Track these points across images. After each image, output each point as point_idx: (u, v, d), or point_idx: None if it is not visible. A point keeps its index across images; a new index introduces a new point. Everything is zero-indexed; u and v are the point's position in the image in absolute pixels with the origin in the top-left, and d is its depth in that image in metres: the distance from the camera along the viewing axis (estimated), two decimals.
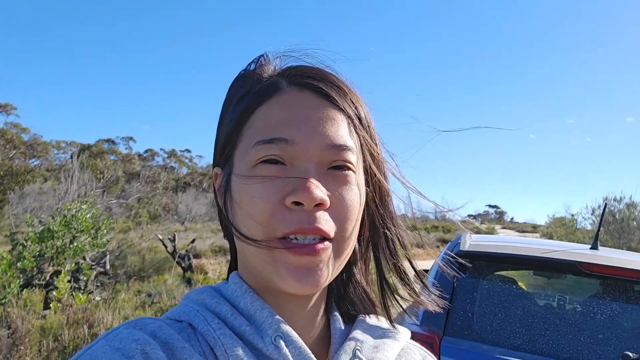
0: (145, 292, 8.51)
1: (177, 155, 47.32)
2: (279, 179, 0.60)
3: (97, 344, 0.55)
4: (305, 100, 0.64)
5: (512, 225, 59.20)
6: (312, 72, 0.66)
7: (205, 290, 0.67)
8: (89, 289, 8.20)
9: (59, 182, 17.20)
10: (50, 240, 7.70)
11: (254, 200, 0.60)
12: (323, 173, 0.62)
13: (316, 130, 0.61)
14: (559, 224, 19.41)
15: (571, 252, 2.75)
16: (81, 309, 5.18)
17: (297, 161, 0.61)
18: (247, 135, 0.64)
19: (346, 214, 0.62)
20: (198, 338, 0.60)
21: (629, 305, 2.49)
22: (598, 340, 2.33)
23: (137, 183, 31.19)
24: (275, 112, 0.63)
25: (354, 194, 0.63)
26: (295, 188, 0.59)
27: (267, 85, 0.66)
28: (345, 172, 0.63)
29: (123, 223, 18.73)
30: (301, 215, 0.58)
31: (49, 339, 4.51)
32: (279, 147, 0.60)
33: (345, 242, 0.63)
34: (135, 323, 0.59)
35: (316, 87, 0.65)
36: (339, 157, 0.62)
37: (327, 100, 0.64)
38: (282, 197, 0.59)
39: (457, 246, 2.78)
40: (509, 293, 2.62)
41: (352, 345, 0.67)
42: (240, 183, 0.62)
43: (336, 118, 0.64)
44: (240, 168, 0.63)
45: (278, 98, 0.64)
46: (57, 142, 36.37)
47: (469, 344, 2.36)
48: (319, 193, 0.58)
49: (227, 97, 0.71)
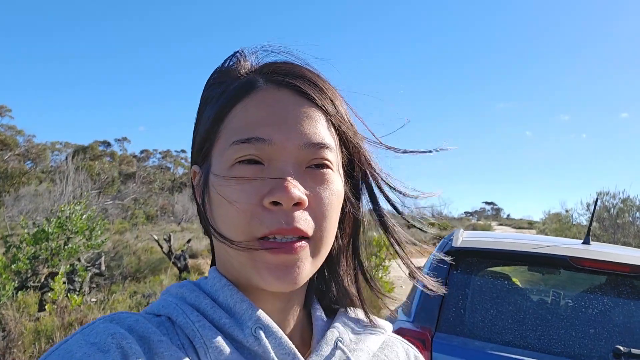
0: (141, 293, 8.49)
1: (172, 156, 47.25)
2: (257, 180, 0.60)
3: (73, 338, 0.55)
4: (282, 98, 0.63)
5: (508, 221, 59.32)
6: (289, 69, 0.66)
7: (185, 285, 0.67)
8: (84, 290, 8.18)
9: (54, 183, 17.16)
10: (45, 242, 7.68)
11: (233, 202, 0.60)
12: (301, 172, 0.61)
13: (294, 129, 0.61)
14: (555, 220, 19.46)
15: (563, 247, 2.76)
16: (75, 311, 5.16)
17: (274, 161, 0.60)
18: (224, 134, 0.63)
19: (324, 213, 0.62)
20: (177, 331, 0.60)
21: (620, 299, 2.49)
22: (589, 334, 2.33)
23: (132, 184, 31.14)
24: (252, 110, 0.62)
25: (332, 192, 0.63)
26: (273, 188, 0.58)
27: (244, 83, 0.65)
28: (324, 170, 0.63)
29: (119, 224, 18.69)
30: (280, 215, 0.58)
31: (42, 342, 4.49)
32: (256, 146, 0.60)
33: (323, 240, 0.63)
34: (112, 317, 0.58)
35: (293, 85, 0.64)
36: (317, 155, 0.62)
37: (305, 97, 0.64)
38: (260, 198, 0.59)
39: (449, 243, 2.78)
40: (501, 289, 2.63)
41: (334, 336, 0.67)
42: (218, 184, 0.62)
43: (314, 116, 0.63)
44: (218, 168, 0.63)
45: (255, 96, 0.63)
46: (52, 144, 36.26)
47: (461, 340, 2.36)
48: (297, 192, 0.58)
49: (204, 94, 0.70)
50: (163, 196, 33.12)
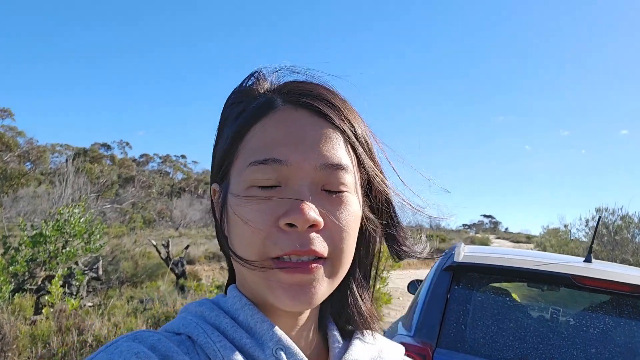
0: (138, 298, 8.46)
1: (172, 161, 47.23)
2: (273, 200, 0.60)
3: (97, 357, 0.55)
4: (300, 118, 0.63)
5: (506, 235, 59.26)
6: (307, 90, 0.66)
7: (204, 303, 0.67)
8: (81, 294, 8.14)
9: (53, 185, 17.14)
10: (43, 245, 7.65)
11: (248, 222, 0.60)
12: (318, 193, 0.61)
13: (310, 150, 0.61)
14: (553, 234, 19.44)
15: (565, 264, 2.75)
16: (72, 315, 5.14)
17: (291, 182, 0.61)
18: (242, 154, 0.63)
19: (341, 234, 0.62)
20: (197, 351, 0.60)
21: (622, 319, 2.48)
22: (590, 354, 2.32)
23: (131, 188, 31.10)
24: (270, 131, 0.63)
25: (349, 213, 0.63)
26: (289, 210, 0.59)
27: (262, 103, 0.65)
28: (341, 193, 0.63)
29: (117, 228, 18.65)
30: (295, 236, 0.59)
31: (38, 346, 4.47)
32: (273, 167, 0.60)
33: (339, 261, 0.63)
34: (135, 336, 0.59)
35: (311, 105, 0.64)
36: (333, 177, 0.62)
37: (322, 118, 0.64)
38: (275, 219, 0.59)
39: (451, 257, 2.77)
40: (502, 305, 2.62)
41: (351, 359, 0.67)
42: (235, 203, 0.62)
43: (331, 136, 0.63)
44: (236, 188, 0.63)
45: (273, 116, 0.64)
46: (52, 146, 36.23)
47: (461, 356, 2.35)
48: (312, 214, 0.58)
49: (223, 113, 0.70)
50: (161, 201, 33.07)
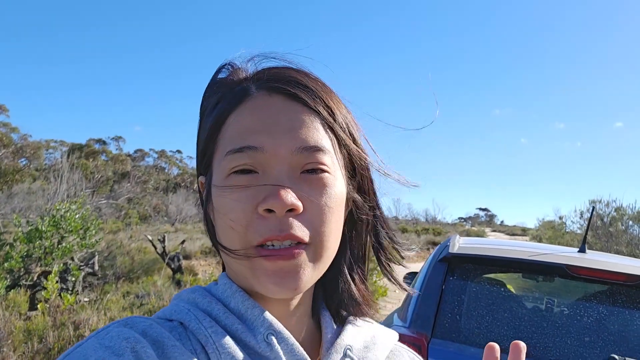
0: (134, 294, 8.45)
1: (167, 156, 47.12)
2: (251, 188, 0.60)
3: (87, 342, 0.55)
4: (274, 104, 0.63)
5: (502, 228, 59.54)
6: (279, 74, 0.66)
7: (197, 290, 0.67)
8: (76, 289, 8.14)
9: (48, 182, 17.08)
10: (39, 241, 7.64)
11: (229, 210, 0.60)
12: (296, 177, 0.61)
13: (285, 135, 0.61)
14: (548, 227, 19.54)
15: (559, 255, 2.77)
16: (68, 310, 5.14)
17: (268, 168, 0.61)
18: (220, 144, 0.64)
19: (321, 218, 0.61)
20: (189, 336, 0.61)
21: (616, 308, 2.50)
22: (585, 343, 2.34)
23: (127, 183, 31.03)
24: (244, 119, 0.63)
25: (330, 196, 0.62)
26: (267, 195, 0.59)
27: (237, 92, 0.65)
28: (320, 174, 0.62)
29: (112, 224, 18.61)
30: (273, 222, 0.59)
31: (34, 341, 4.47)
32: (249, 155, 0.60)
33: (322, 245, 0.62)
34: (126, 322, 0.59)
35: (284, 90, 0.64)
36: (312, 159, 0.61)
37: (297, 101, 0.63)
38: (254, 206, 0.59)
39: (446, 249, 2.78)
40: (497, 295, 2.63)
41: (343, 344, 0.67)
42: (217, 194, 0.63)
43: (306, 119, 0.63)
44: (216, 178, 0.63)
45: (247, 104, 0.64)
46: (46, 142, 36.05)
47: (456, 346, 2.36)
48: (290, 198, 0.58)
49: (202, 104, 0.70)
50: (157, 196, 33.02)
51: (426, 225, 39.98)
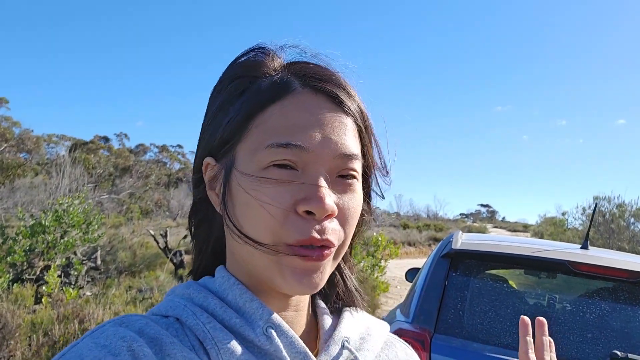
0: (137, 288, 8.47)
1: (169, 151, 47.09)
2: (292, 184, 0.60)
3: (83, 342, 0.55)
4: (320, 104, 0.63)
5: (503, 224, 59.49)
6: (325, 75, 0.65)
7: (191, 285, 0.67)
8: (79, 284, 8.17)
9: (50, 176, 17.09)
10: (42, 235, 7.66)
11: (265, 203, 0.60)
12: (332, 180, 0.62)
13: (330, 138, 0.61)
14: (550, 223, 19.54)
15: (561, 251, 2.78)
16: (71, 304, 5.16)
17: (308, 168, 0.61)
18: (255, 133, 0.62)
19: (350, 222, 0.64)
20: (186, 333, 0.60)
21: (618, 304, 2.51)
22: (587, 339, 2.35)
23: (129, 178, 31.05)
24: (291, 114, 0.62)
25: (357, 201, 0.64)
26: (308, 197, 0.59)
27: (279, 83, 0.64)
28: (351, 180, 0.64)
29: (114, 218, 18.63)
30: (313, 225, 0.59)
31: (39, 334, 4.49)
32: (293, 152, 0.60)
33: (344, 248, 0.65)
34: (122, 320, 0.58)
35: (330, 92, 0.64)
36: (348, 165, 0.63)
37: (339, 105, 0.64)
38: (293, 203, 0.59)
39: (449, 244, 2.80)
40: (499, 292, 2.64)
41: (341, 336, 0.68)
42: (249, 182, 0.61)
43: (347, 125, 0.64)
44: (248, 167, 0.62)
45: (292, 99, 0.63)
46: (48, 136, 36.05)
47: (459, 341, 2.38)
48: (331, 204, 0.59)
49: (224, 86, 0.68)
50: (159, 191, 33.03)
51: (428, 221, 39.94)
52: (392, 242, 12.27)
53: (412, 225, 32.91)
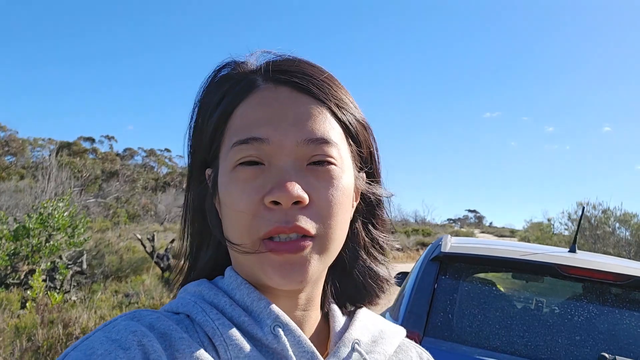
0: (123, 292, 8.39)
1: (156, 155, 46.80)
2: (258, 180, 0.60)
3: (94, 335, 0.55)
4: (281, 96, 0.63)
5: (490, 229, 59.86)
6: (287, 66, 0.65)
7: (203, 283, 0.67)
8: (65, 288, 8.06)
9: (35, 180, 16.90)
10: (26, 239, 7.55)
11: (236, 202, 0.60)
12: (302, 169, 0.61)
13: (292, 126, 0.61)
14: (536, 228, 19.70)
15: (550, 254, 2.79)
16: (56, 309, 5.08)
17: (274, 159, 0.61)
18: (227, 136, 0.64)
19: (328, 210, 0.61)
20: (196, 329, 0.60)
21: (606, 307, 2.53)
22: (575, 341, 2.36)
23: (115, 182, 30.80)
24: (251, 110, 0.63)
25: (337, 188, 0.62)
26: (273, 187, 0.59)
27: (244, 84, 0.65)
28: (327, 166, 0.62)
29: (101, 222, 18.46)
30: (280, 214, 0.59)
31: (23, 339, 4.42)
32: (255, 146, 0.60)
33: (329, 238, 0.62)
34: (133, 315, 0.59)
35: (291, 82, 0.64)
36: (318, 151, 0.61)
37: (304, 93, 0.64)
38: (261, 198, 0.59)
39: (438, 248, 2.80)
40: (488, 295, 2.65)
41: (351, 338, 0.67)
42: (223, 186, 0.63)
43: (313, 111, 0.63)
44: (222, 170, 0.63)
45: (253, 96, 0.64)
46: (34, 139, 35.66)
47: (448, 344, 2.37)
48: (296, 190, 0.58)
49: (203, 98, 0.69)
50: (146, 195, 32.80)
51: (416, 226, 40.07)
52: None
53: (401, 230, 32.99)
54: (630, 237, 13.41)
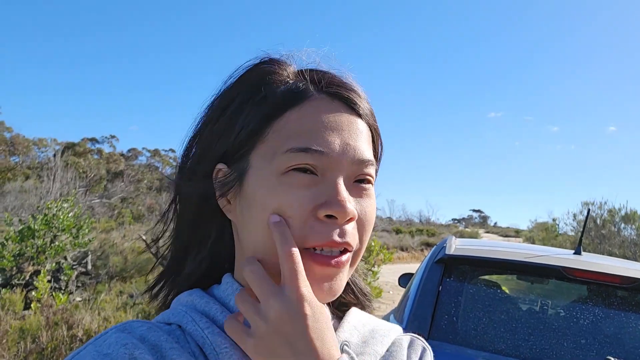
0: (127, 293, 8.40)
1: (161, 155, 46.88)
2: (312, 189, 0.60)
3: (85, 350, 0.55)
4: (337, 110, 0.64)
5: (495, 229, 59.73)
6: (341, 82, 0.67)
7: (194, 292, 0.67)
8: (69, 289, 8.08)
9: (41, 180, 16.97)
10: (31, 239, 7.57)
11: (284, 206, 0.60)
12: (350, 186, 0.63)
13: (348, 144, 0.62)
14: (541, 229, 19.64)
15: (555, 257, 2.78)
16: (61, 310, 5.10)
17: (329, 173, 0.61)
18: (273, 139, 0.62)
19: (368, 227, 0.65)
20: (187, 339, 0.61)
21: (612, 310, 2.51)
22: (581, 345, 2.35)
23: (120, 183, 30.89)
24: (308, 119, 0.62)
25: (373, 206, 0.66)
26: (329, 201, 0.59)
27: (296, 90, 0.64)
28: (367, 185, 0.65)
29: (105, 223, 18.50)
30: (333, 228, 0.60)
31: (27, 340, 4.43)
32: (314, 157, 0.60)
33: (361, 252, 0.66)
34: (124, 327, 0.59)
35: (346, 98, 0.65)
36: (364, 171, 0.64)
37: (355, 111, 0.65)
38: (314, 207, 0.60)
39: (442, 250, 2.78)
40: (493, 297, 2.64)
41: (340, 340, 0.67)
42: (265, 188, 0.61)
43: (363, 130, 0.65)
44: (266, 172, 0.61)
45: (309, 104, 0.63)
46: (39, 140, 35.78)
47: (453, 347, 2.36)
48: (352, 208, 0.60)
49: (237, 92, 0.66)
50: (151, 195, 32.85)
51: (420, 227, 40.05)
52: (385, 247, 12.30)
53: (405, 230, 32.94)
54: (636, 237, 13.33)
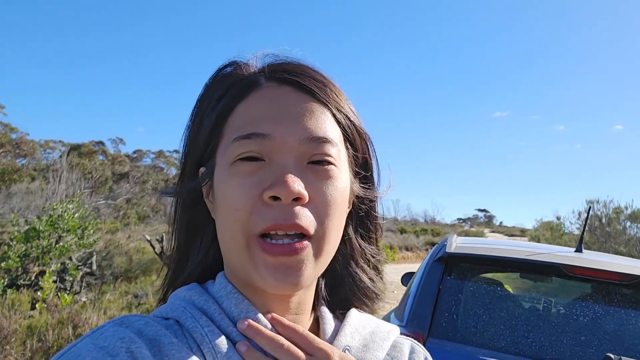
0: (132, 293, 8.44)
1: (165, 156, 46.98)
2: (257, 174, 0.59)
3: (82, 342, 0.55)
4: (284, 94, 0.63)
5: (500, 229, 59.54)
6: (290, 67, 0.66)
7: (193, 287, 0.66)
8: (74, 289, 8.13)
9: (47, 181, 17.05)
10: (36, 240, 7.63)
11: (233, 197, 0.59)
12: (303, 167, 0.61)
13: (294, 124, 0.61)
14: (547, 228, 19.56)
15: (556, 254, 2.78)
16: (66, 310, 5.14)
17: (275, 156, 0.60)
18: (227, 133, 0.63)
19: (327, 210, 0.61)
20: (185, 335, 0.60)
21: (612, 307, 2.51)
22: (580, 342, 2.35)
23: (126, 184, 30.98)
24: (253, 108, 0.63)
25: (335, 188, 0.62)
26: (273, 183, 0.58)
27: (246, 82, 0.65)
28: (326, 166, 0.62)
29: (111, 224, 18.57)
30: (279, 210, 0.58)
31: (34, 340, 4.47)
32: (257, 142, 0.60)
33: (326, 239, 0.61)
34: (122, 321, 0.58)
35: (294, 82, 0.64)
36: (319, 150, 0.61)
37: (307, 93, 0.64)
38: (260, 192, 0.59)
39: (443, 248, 2.79)
40: (493, 295, 2.64)
41: (341, 345, 0.66)
42: (221, 181, 0.62)
43: (315, 111, 0.63)
44: (220, 166, 0.63)
45: (256, 94, 0.64)
46: (45, 142, 35.94)
47: (453, 345, 2.37)
48: (297, 187, 0.57)
49: (205, 95, 0.69)
50: (156, 196, 32.91)
51: (425, 226, 39.97)
52: (389, 247, 12.29)
53: (410, 230, 32.88)
54: None
